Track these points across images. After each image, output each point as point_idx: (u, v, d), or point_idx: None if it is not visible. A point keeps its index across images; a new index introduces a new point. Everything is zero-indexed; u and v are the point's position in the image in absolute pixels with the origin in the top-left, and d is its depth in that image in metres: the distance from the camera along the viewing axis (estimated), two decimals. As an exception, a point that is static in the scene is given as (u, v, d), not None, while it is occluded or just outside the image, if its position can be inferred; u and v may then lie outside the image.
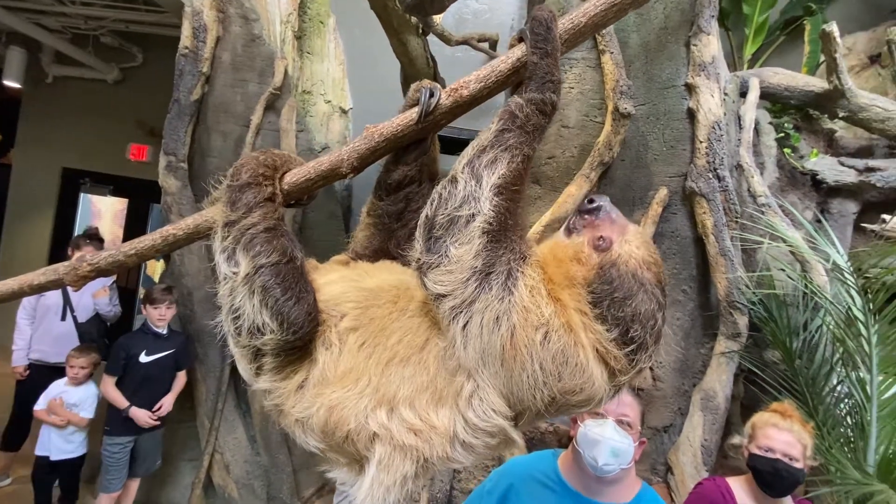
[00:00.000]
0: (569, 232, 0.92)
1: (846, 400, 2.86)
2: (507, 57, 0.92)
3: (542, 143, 3.95)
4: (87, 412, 3.62)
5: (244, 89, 4.29)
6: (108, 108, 6.68)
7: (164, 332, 3.69)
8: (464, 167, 0.86)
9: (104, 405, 3.63)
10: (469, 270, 0.81)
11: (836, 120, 3.75)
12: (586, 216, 0.90)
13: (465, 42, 4.54)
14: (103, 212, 6.98)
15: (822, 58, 4.24)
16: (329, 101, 5.06)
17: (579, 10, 0.89)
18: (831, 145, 3.91)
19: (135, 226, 6.73)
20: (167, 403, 3.62)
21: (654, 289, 0.83)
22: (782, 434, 1.97)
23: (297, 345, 0.86)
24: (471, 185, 0.83)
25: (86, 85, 6.75)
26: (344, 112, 5.13)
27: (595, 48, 3.54)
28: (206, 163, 4.26)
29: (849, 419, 2.81)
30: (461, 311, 0.81)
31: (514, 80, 0.93)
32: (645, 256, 0.84)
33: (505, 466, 1.74)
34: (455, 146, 0.97)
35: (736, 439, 2.16)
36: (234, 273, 0.87)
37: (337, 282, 0.95)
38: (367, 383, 0.83)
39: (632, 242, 0.85)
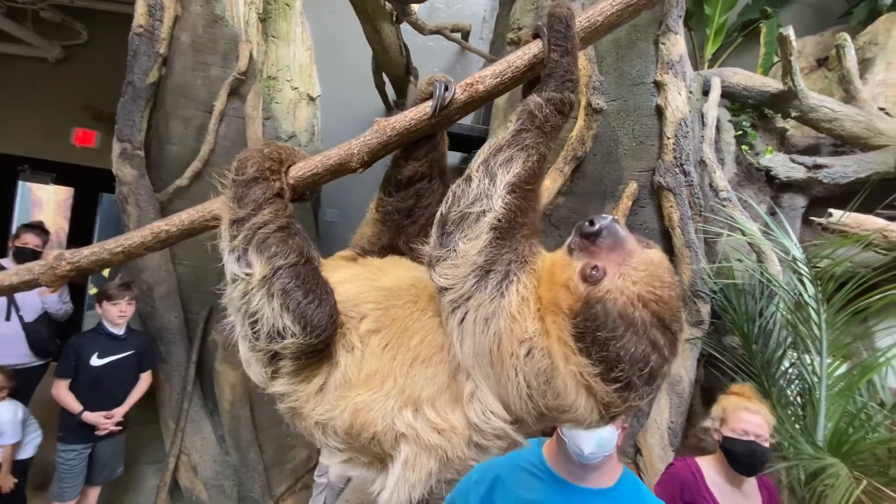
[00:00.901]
0: (569, 251, 0.83)
1: (797, 381, 3.08)
2: (524, 53, 0.91)
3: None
4: (10, 437, 3.25)
5: (206, 73, 4.07)
6: (50, 89, 6.15)
7: (122, 332, 3.46)
8: (479, 166, 0.86)
9: (57, 408, 3.39)
10: (471, 266, 0.81)
11: (788, 119, 3.99)
12: (584, 240, 0.81)
13: (438, 31, 4.49)
14: (45, 201, 6.45)
15: (776, 59, 4.49)
16: (296, 88, 4.88)
17: (596, 8, 0.90)
18: (783, 143, 4.16)
19: (82, 217, 6.27)
20: (118, 413, 3.35)
21: (648, 329, 0.73)
22: (753, 417, 2.10)
23: (319, 348, 0.83)
24: (484, 184, 0.83)
25: (25, 64, 6.18)
26: (312, 99, 4.97)
27: (569, 43, 3.58)
28: (164, 150, 4.02)
29: (799, 399, 3.04)
30: (458, 306, 0.81)
31: (529, 76, 0.93)
32: (642, 292, 0.74)
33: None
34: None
35: (707, 423, 2.28)
36: (248, 275, 0.83)
37: (351, 281, 0.93)
38: (393, 385, 0.82)
39: (629, 276, 0.75)
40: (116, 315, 3.40)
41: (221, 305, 3.89)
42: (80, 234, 6.18)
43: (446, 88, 0.91)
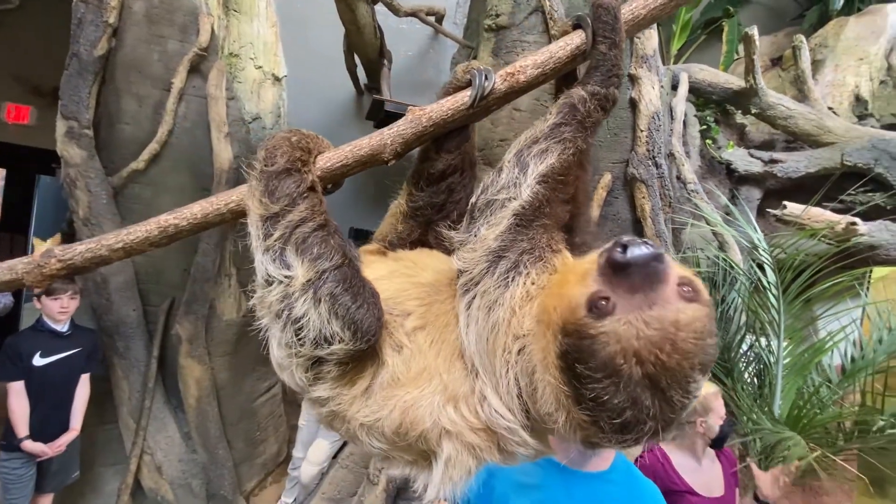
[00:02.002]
0: (596, 266, 0.71)
1: (755, 362, 3.31)
2: (566, 44, 0.89)
3: (496, 126, 3.97)
4: None
5: (162, 47, 3.76)
6: (-27, 57, 5.51)
7: (66, 328, 3.16)
8: (512, 157, 0.84)
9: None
10: (485, 250, 0.79)
11: (747, 115, 4.21)
12: (607, 266, 0.68)
13: (412, 14, 4.37)
14: (-30, 183, 5.83)
15: (736, 57, 4.72)
16: (260, 67, 4.61)
17: (639, 0, 0.88)
18: (742, 138, 4.40)
19: (16, 200, 5.71)
20: (65, 440, 3.05)
21: (633, 387, 0.63)
22: (720, 398, 2.26)
23: (367, 351, 0.79)
24: (514, 173, 0.82)
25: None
26: (277, 80, 4.71)
27: (546, 32, 3.60)
28: (116, 130, 3.70)
29: (756, 379, 3.27)
30: (468, 290, 0.80)
31: (569, 67, 0.91)
32: (642, 350, 0.63)
33: None
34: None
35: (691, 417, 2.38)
36: (288, 277, 0.78)
37: (389, 277, 0.89)
38: (439, 381, 0.80)
39: (636, 327, 0.63)
40: (57, 311, 3.10)
41: (184, 298, 3.68)
42: (14, 219, 5.63)
43: (486, 78, 0.87)
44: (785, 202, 3.60)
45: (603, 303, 0.66)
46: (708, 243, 3.67)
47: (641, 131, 3.52)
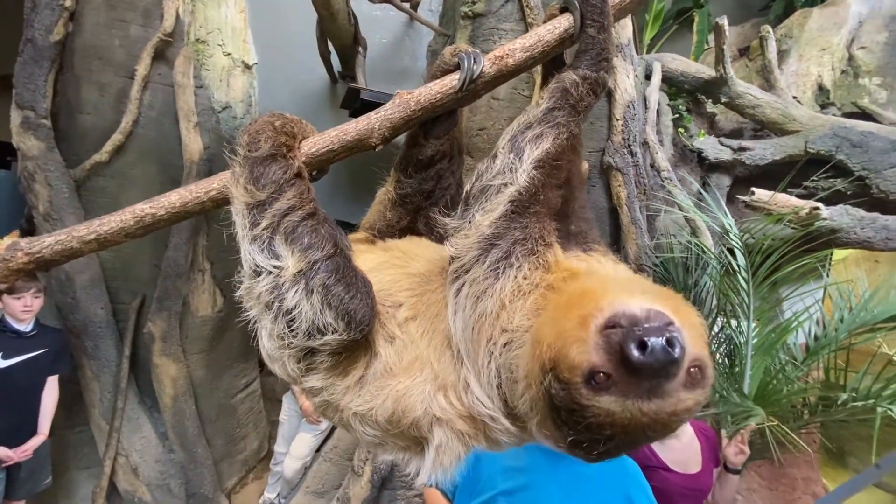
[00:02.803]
0: (598, 330, 0.63)
1: (726, 343, 3.43)
2: (554, 27, 0.88)
3: (474, 115, 3.95)
4: None
5: (124, 32, 3.58)
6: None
7: (30, 328, 3.02)
8: (506, 143, 0.83)
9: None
10: (479, 236, 0.79)
11: (717, 104, 4.31)
12: (625, 352, 0.59)
13: (387, 0, 4.28)
14: (-86, 177, 5.45)
15: (707, 47, 4.82)
16: (229, 54, 4.45)
17: (626, -15, 0.88)
18: (712, 127, 4.51)
19: (-34, 196, 5.38)
20: (32, 445, 2.92)
21: (614, 442, 0.64)
22: None
23: (360, 341, 0.78)
24: (510, 158, 0.81)
25: None
26: (247, 67, 4.56)
27: (523, 20, 3.59)
28: (77, 120, 3.52)
29: (727, 359, 3.39)
30: (458, 276, 0.79)
31: (557, 50, 0.90)
32: (631, 427, 0.62)
33: None
34: None
35: None
36: (277, 268, 0.76)
37: (380, 268, 0.87)
38: (430, 370, 0.80)
39: (633, 412, 0.61)
40: (20, 310, 2.96)
41: (156, 294, 3.55)
42: (-36, 215, 5.31)
43: (475, 61, 0.86)
44: (753, 188, 3.71)
45: (602, 378, 0.61)
46: (681, 229, 3.77)
47: (617, 120, 3.57)
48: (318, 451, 3.68)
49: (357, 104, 4.19)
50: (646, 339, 0.58)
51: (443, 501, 1.79)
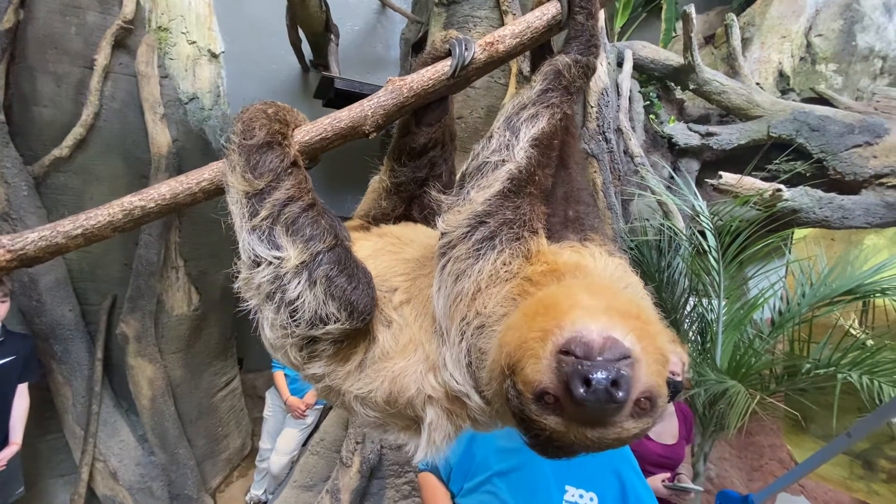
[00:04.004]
0: (555, 350, 0.64)
1: (698, 321, 3.58)
2: (542, 14, 0.89)
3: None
4: None
5: (80, 19, 3.41)
6: None
7: (-4, 334, 2.90)
8: (501, 123, 0.84)
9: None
10: (470, 213, 0.79)
11: (685, 91, 4.43)
12: (571, 384, 0.60)
13: (358, -13, 4.19)
14: None
15: (674, 34, 4.93)
16: (193, 42, 4.28)
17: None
18: (681, 113, 4.64)
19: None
20: (4, 455, 2.79)
21: (562, 450, 0.68)
22: (673, 356, 2.43)
23: (360, 328, 0.79)
24: (506, 136, 0.82)
25: None
26: (214, 56, 4.40)
27: (497, 7, 3.59)
28: (33, 113, 3.34)
29: (700, 336, 3.55)
30: (444, 253, 0.80)
31: (546, 37, 0.92)
32: (574, 444, 0.65)
33: None
34: (356, 101, 0.86)
35: None
36: (278, 258, 0.75)
37: (376, 255, 0.88)
38: (422, 350, 0.81)
39: (576, 434, 0.64)
40: None
41: (127, 294, 3.43)
42: None
43: (466, 48, 0.87)
44: (721, 172, 3.86)
45: (551, 399, 0.63)
46: (654, 212, 3.89)
47: (591, 107, 3.63)
48: (304, 445, 3.66)
49: (331, 93, 4.11)
50: (591, 376, 0.59)
51: (437, 485, 1.82)
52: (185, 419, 3.65)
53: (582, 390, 0.59)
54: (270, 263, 0.76)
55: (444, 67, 0.89)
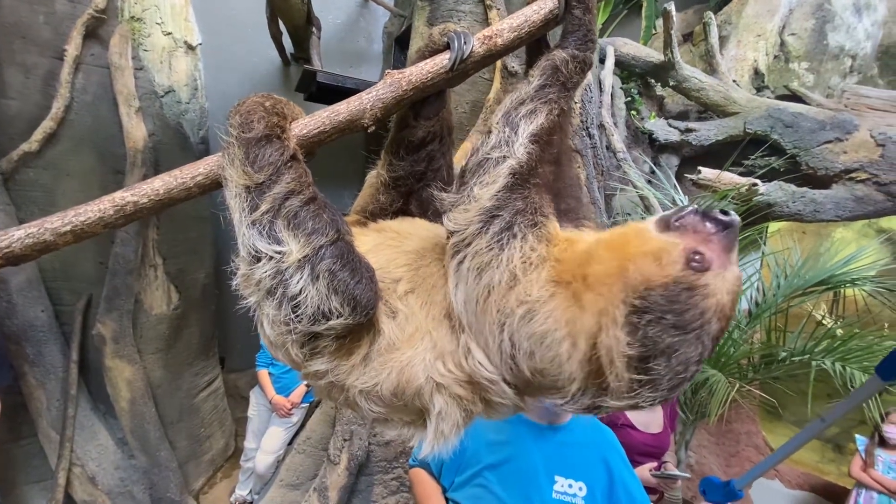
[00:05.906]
0: (665, 226, 0.73)
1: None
2: (540, 7, 0.90)
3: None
4: None
5: (48, 8, 3.27)
6: None
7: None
8: (499, 119, 0.83)
9: None
10: (479, 210, 0.79)
11: (665, 88, 4.51)
12: (707, 223, 0.71)
13: (340, -21, 4.13)
14: None
15: (654, 32, 5.01)
16: (169, 34, 4.15)
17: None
18: (661, 109, 4.73)
19: None
20: None
21: (709, 341, 0.67)
22: None
23: (365, 323, 0.79)
24: (505, 132, 0.81)
25: None
26: (191, 48, 4.28)
27: (481, 2, 3.58)
28: (0, 107, 3.20)
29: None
30: (459, 251, 0.80)
31: (544, 31, 0.92)
32: (726, 305, 0.68)
33: None
34: (339, 95, 0.87)
35: None
36: (280, 253, 0.74)
37: (376, 249, 0.87)
38: (429, 339, 0.81)
39: (728, 282, 0.68)
40: None
41: (104, 293, 3.35)
42: None
43: (465, 41, 0.86)
44: (700, 168, 3.95)
45: (698, 257, 0.68)
46: (636, 206, 3.96)
47: (575, 103, 3.66)
48: (290, 443, 3.62)
49: (313, 87, 4.05)
50: (726, 209, 0.72)
51: (428, 480, 1.83)
52: (165, 421, 3.57)
53: (723, 213, 0.72)
54: (271, 258, 0.75)
55: (442, 61, 0.88)
